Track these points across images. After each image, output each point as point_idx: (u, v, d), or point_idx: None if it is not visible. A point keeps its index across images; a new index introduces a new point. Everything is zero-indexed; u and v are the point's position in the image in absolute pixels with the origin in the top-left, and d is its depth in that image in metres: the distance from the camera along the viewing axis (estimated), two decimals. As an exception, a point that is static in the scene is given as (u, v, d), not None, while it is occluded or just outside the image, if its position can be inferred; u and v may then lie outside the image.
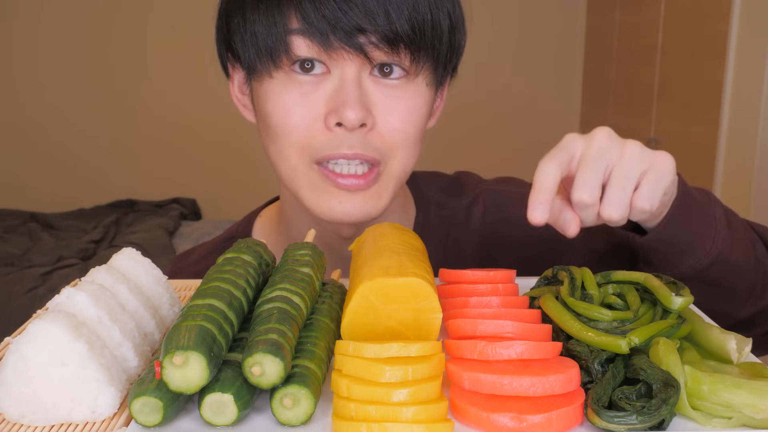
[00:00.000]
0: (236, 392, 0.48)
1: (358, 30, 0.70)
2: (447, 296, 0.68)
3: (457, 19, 0.77)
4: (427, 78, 0.77)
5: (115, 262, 0.64)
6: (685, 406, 0.49)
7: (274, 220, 0.95)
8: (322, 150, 0.74)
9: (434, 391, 0.48)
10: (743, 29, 2.21)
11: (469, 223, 0.93)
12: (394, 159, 0.77)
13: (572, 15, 3.76)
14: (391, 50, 0.72)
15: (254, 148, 3.94)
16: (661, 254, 0.72)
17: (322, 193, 0.76)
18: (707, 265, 0.72)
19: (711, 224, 0.72)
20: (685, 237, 0.70)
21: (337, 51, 0.71)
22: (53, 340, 0.49)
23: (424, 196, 0.94)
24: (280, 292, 0.55)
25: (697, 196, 0.72)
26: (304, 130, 0.74)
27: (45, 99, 3.70)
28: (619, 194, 0.60)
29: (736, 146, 2.29)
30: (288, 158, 0.76)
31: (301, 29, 0.71)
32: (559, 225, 0.63)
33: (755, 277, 0.77)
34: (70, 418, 0.50)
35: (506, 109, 3.81)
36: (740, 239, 0.75)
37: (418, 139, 0.78)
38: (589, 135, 0.62)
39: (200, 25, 3.63)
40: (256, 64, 0.75)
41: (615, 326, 0.58)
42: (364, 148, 0.74)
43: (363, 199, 0.76)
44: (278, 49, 0.72)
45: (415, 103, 0.76)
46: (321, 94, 0.73)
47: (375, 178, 0.76)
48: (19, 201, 3.72)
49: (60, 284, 2.48)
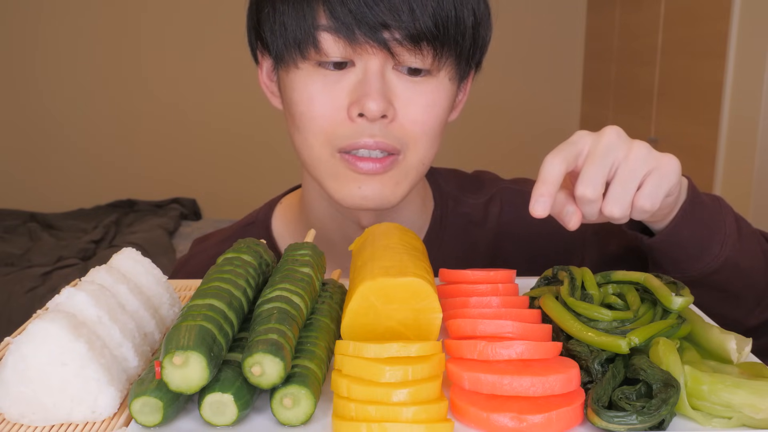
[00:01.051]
0: (236, 392, 0.48)
1: (383, 25, 0.72)
2: (447, 296, 0.68)
3: (481, 14, 0.79)
4: (450, 73, 0.78)
5: (115, 262, 0.64)
6: (685, 406, 0.49)
7: (295, 206, 0.96)
8: (345, 139, 0.76)
9: (434, 391, 0.48)
10: (743, 29, 2.21)
11: (486, 220, 0.95)
12: (414, 149, 0.78)
13: (572, 15, 3.76)
14: (414, 47, 0.74)
15: (254, 148, 3.94)
16: (669, 256, 0.73)
17: (343, 179, 0.78)
18: (716, 269, 0.72)
19: (720, 229, 0.73)
20: (693, 240, 0.71)
21: (362, 45, 0.73)
22: (53, 340, 0.49)
23: (443, 191, 0.96)
24: (280, 292, 0.56)
25: (707, 201, 0.73)
26: (328, 119, 0.76)
27: (45, 99, 3.70)
28: (622, 192, 0.61)
29: (736, 146, 2.29)
30: (312, 146, 0.78)
31: (328, 25, 0.73)
32: (561, 217, 0.65)
33: (765, 285, 0.78)
34: (70, 418, 0.50)
35: (506, 108, 3.81)
36: (751, 247, 0.76)
37: (438, 132, 0.80)
38: (599, 132, 0.63)
39: (200, 25, 3.64)
40: (284, 54, 0.77)
41: (615, 326, 0.58)
42: (384, 138, 0.75)
43: (381, 184, 0.78)
44: (306, 42, 0.74)
45: (437, 97, 0.77)
46: (345, 85, 0.75)
47: (392, 164, 0.77)
48: (19, 201, 3.72)
49: (60, 284, 2.48)
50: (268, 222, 0.96)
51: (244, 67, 3.79)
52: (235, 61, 3.72)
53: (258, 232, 0.95)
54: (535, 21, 3.76)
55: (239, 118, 3.76)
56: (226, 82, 3.71)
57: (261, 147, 3.78)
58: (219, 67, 3.69)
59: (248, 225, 0.97)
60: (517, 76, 3.78)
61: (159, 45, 3.68)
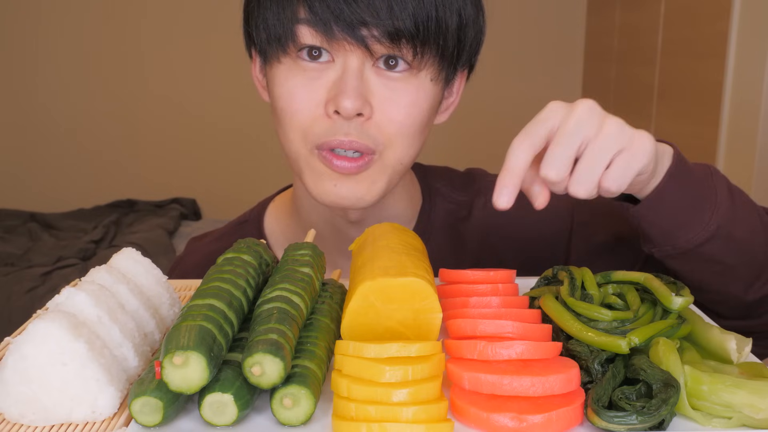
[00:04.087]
0: (236, 392, 0.48)
1: (361, 23, 0.72)
2: (447, 296, 0.68)
3: (468, 16, 0.78)
4: (432, 73, 0.78)
5: (115, 262, 0.64)
6: (685, 406, 0.49)
7: (286, 205, 0.98)
8: (321, 136, 0.76)
9: (434, 391, 0.48)
10: (743, 29, 2.21)
11: (471, 215, 0.95)
12: (391, 149, 0.78)
13: (572, 15, 3.76)
14: (393, 45, 0.74)
15: (254, 147, 3.94)
16: (657, 226, 0.70)
17: (320, 176, 0.79)
18: (707, 237, 0.69)
19: (710, 197, 0.70)
20: (681, 206, 0.69)
21: (339, 42, 0.73)
22: (53, 340, 0.49)
23: (432, 187, 0.96)
24: (280, 292, 0.56)
25: (696, 168, 0.71)
26: (306, 115, 0.77)
27: (45, 99, 3.70)
28: (588, 173, 0.60)
29: (736, 146, 2.29)
30: (291, 141, 0.79)
31: (307, 18, 0.74)
32: (529, 196, 0.64)
33: (765, 257, 0.74)
34: (70, 418, 0.50)
35: (505, 108, 3.81)
36: (746, 216, 0.73)
37: (417, 132, 0.79)
38: (571, 106, 0.61)
39: (200, 25, 3.64)
40: (267, 49, 0.78)
41: (615, 326, 0.58)
42: (359, 137, 0.75)
43: (355, 183, 0.78)
44: (286, 36, 0.75)
45: (416, 97, 0.77)
46: (324, 81, 0.76)
47: (367, 164, 0.77)
48: (19, 201, 3.71)
49: (60, 284, 2.48)
50: (260, 220, 0.98)
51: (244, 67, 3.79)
52: (236, 62, 3.71)
53: (251, 230, 0.97)
54: (535, 21, 3.76)
55: (239, 118, 3.75)
56: (226, 82, 3.71)
57: (261, 147, 3.78)
58: (219, 67, 3.69)
59: (241, 223, 0.99)
60: (516, 76, 3.78)
61: (159, 45, 3.68)
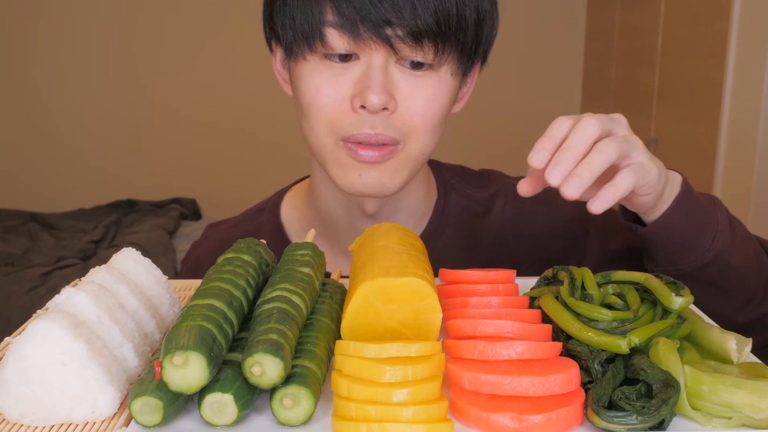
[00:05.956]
0: (236, 392, 0.48)
1: (386, 22, 0.75)
2: (447, 296, 0.68)
3: (485, 11, 0.81)
4: (452, 68, 0.81)
5: (115, 262, 0.64)
6: (685, 406, 0.49)
7: (303, 193, 1.00)
8: (347, 129, 0.79)
9: (434, 391, 0.48)
10: (743, 29, 2.21)
11: (489, 213, 0.97)
12: (413, 140, 0.81)
13: (572, 15, 3.76)
14: (415, 44, 0.76)
15: (254, 148, 3.94)
16: (662, 248, 0.75)
17: (345, 167, 0.81)
18: (707, 262, 0.75)
19: (712, 225, 0.75)
20: (685, 232, 0.74)
21: (365, 41, 0.76)
22: (53, 340, 0.49)
23: (447, 183, 0.99)
24: (280, 292, 0.56)
25: (701, 198, 0.76)
26: (332, 109, 0.79)
27: (45, 99, 3.70)
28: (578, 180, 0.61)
29: (736, 146, 2.29)
30: (318, 134, 0.82)
31: (334, 21, 0.76)
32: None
33: (757, 284, 0.80)
34: (70, 418, 0.50)
35: (506, 108, 3.81)
36: (743, 245, 0.78)
37: (438, 124, 0.82)
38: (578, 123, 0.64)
39: (200, 25, 3.64)
40: (293, 46, 0.80)
41: (615, 326, 0.58)
42: (385, 129, 0.78)
43: (380, 172, 0.81)
44: (313, 36, 0.78)
45: (438, 91, 0.80)
46: (349, 77, 0.78)
47: (391, 153, 0.80)
48: (19, 201, 3.71)
49: (60, 284, 2.48)
50: (277, 208, 1.01)
51: (244, 68, 3.79)
52: (236, 62, 3.73)
53: (267, 217, 1.00)
54: (535, 21, 3.76)
55: (239, 118, 3.76)
56: (226, 82, 3.71)
57: (261, 147, 3.79)
58: (220, 67, 3.69)
59: (258, 211, 1.02)
60: (517, 76, 3.78)
61: (159, 45, 3.68)
